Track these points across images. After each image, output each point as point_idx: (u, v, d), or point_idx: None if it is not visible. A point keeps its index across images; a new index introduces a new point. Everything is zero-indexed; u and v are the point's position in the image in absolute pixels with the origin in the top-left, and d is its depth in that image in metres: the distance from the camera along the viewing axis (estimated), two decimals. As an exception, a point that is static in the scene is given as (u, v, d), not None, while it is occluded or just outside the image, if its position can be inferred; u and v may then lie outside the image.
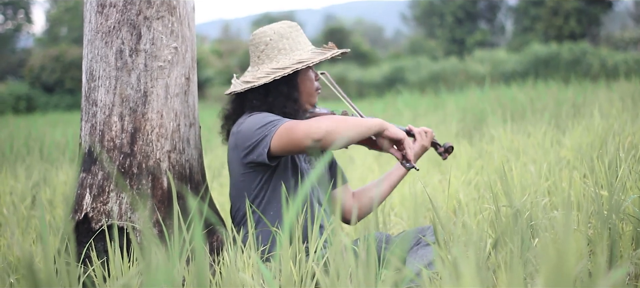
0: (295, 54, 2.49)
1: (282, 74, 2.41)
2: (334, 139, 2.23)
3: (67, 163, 6.09)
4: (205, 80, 28.35)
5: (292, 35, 2.52)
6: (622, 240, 2.27)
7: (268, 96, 2.48)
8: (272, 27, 2.53)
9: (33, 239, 3.02)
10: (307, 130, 2.23)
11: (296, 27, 2.57)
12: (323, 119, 2.27)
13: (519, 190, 2.85)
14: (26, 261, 1.48)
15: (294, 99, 2.49)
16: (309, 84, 2.54)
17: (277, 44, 2.50)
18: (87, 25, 2.52)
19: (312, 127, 2.23)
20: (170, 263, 1.55)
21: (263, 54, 2.51)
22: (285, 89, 2.48)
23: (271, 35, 2.51)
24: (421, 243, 2.42)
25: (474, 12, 36.58)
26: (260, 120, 2.36)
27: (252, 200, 2.46)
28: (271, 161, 2.36)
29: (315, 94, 2.58)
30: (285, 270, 1.74)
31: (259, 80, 2.44)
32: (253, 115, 2.41)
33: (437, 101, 11.51)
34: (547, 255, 1.43)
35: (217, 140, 8.27)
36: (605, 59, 20.60)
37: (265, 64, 2.50)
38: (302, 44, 2.53)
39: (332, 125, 2.23)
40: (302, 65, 2.42)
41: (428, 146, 2.70)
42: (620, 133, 3.91)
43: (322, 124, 2.23)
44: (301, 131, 2.24)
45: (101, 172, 2.43)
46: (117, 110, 2.45)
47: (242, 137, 2.39)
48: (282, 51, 2.49)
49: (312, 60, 2.44)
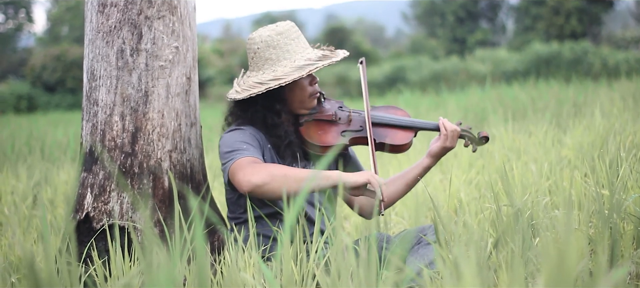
0: (279, 65, 2.44)
1: (256, 92, 2.39)
2: (264, 192, 2.22)
3: (69, 163, 6.09)
4: (206, 80, 28.34)
5: (280, 43, 2.46)
6: (623, 240, 2.26)
7: (248, 110, 2.49)
8: (261, 35, 2.47)
9: (34, 239, 3.03)
10: (240, 181, 2.25)
11: (288, 32, 2.48)
12: (264, 170, 2.24)
13: (520, 190, 2.85)
14: (27, 261, 1.48)
15: (275, 111, 2.47)
16: (300, 93, 2.49)
17: (264, 53, 2.46)
18: (88, 24, 2.52)
19: (245, 177, 2.23)
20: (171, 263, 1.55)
21: (252, 61, 2.51)
22: (265, 102, 2.46)
23: (259, 43, 2.47)
24: (422, 243, 2.41)
25: (475, 11, 36.55)
26: (228, 145, 2.38)
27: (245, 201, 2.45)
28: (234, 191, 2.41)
29: (311, 100, 2.52)
30: (286, 270, 1.74)
31: (240, 94, 2.44)
32: (227, 134, 2.44)
33: (438, 100, 11.51)
34: (548, 255, 1.43)
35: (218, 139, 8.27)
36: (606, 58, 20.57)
37: (254, 72, 2.49)
38: (291, 52, 2.46)
39: (267, 178, 2.21)
40: (276, 84, 2.37)
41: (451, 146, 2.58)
42: (621, 132, 3.91)
43: (255, 176, 2.22)
44: (237, 179, 2.27)
45: (102, 171, 2.43)
46: (118, 110, 2.45)
47: (219, 153, 2.43)
48: (268, 61, 2.46)
49: (286, 79, 2.37)
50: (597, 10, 30.96)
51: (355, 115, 2.61)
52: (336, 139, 2.52)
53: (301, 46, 2.50)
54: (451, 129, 2.57)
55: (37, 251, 2.74)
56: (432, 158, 2.62)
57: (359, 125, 2.57)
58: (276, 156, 2.49)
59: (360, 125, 2.57)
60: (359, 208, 2.74)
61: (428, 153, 2.62)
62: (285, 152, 2.47)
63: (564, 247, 1.41)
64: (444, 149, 2.58)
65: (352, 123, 2.58)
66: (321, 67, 2.41)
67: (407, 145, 2.61)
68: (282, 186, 2.19)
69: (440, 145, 2.57)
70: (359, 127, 2.57)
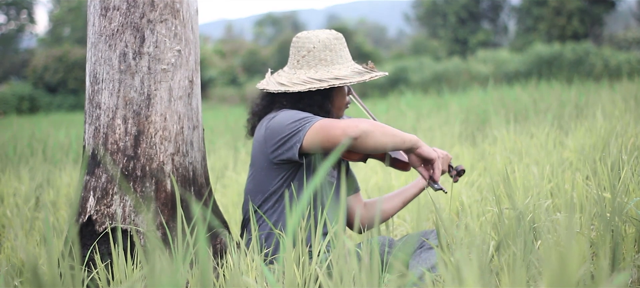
0: (335, 67, 2.50)
1: (318, 86, 2.43)
2: (368, 141, 2.27)
3: (71, 165, 6.10)
4: (208, 80, 28.37)
5: (336, 47, 2.53)
6: (625, 243, 2.27)
7: (299, 102, 2.50)
8: (318, 35, 2.53)
9: (37, 241, 3.03)
10: (345, 128, 2.27)
11: (341, 39, 2.57)
12: (362, 119, 2.31)
13: (521, 192, 2.85)
14: (31, 265, 1.49)
15: (326, 110, 2.53)
16: (342, 99, 2.58)
17: (320, 53, 2.51)
18: (91, 28, 2.53)
19: (350, 126, 2.27)
20: (174, 266, 1.56)
21: (304, 59, 2.52)
22: (319, 99, 2.51)
23: (316, 43, 2.52)
24: (424, 247, 2.42)
25: (477, 12, 36.54)
26: (293, 115, 2.38)
27: (270, 195, 2.47)
28: (300, 158, 2.38)
29: (345, 108, 2.62)
30: (288, 273, 1.74)
31: (294, 86, 2.45)
32: (285, 111, 2.44)
33: (440, 102, 11.51)
34: (549, 258, 1.44)
35: (220, 141, 8.29)
36: (608, 59, 20.57)
37: (304, 70, 2.51)
38: (344, 58, 2.55)
39: (370, 127, 2.27)
40: (339, 83, 2.43)
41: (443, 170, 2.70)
42: (623, 134, 3.91)
43: (360, 123, 2.27)
44: (339, 128, 2.27)
45: (105, 174, 2.44)
46: (121, 113, 2.46)
47: (273, 131, 2.41)
48: (322, 61, 2.51)
49: (350, 80, 2.45)
50: (598, 11, 30.95)
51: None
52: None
53: (349, 55, 2.61)
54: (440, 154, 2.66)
55: (40, 254, 2.75)
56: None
57: None
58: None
59: None
60: (359, 223, 2.80)
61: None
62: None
63: (566, 251, 1.42)
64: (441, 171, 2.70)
65: None
66: (378, 77, 2.52)
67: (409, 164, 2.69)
68: (382, 136, 2.28)
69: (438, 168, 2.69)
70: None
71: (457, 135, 6.88)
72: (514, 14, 36.23)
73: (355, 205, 2.82)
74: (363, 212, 2.83)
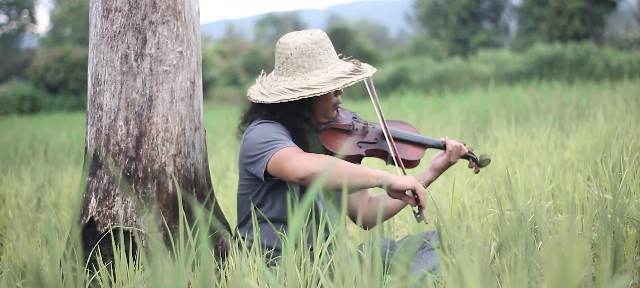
0: (312, 74, 2.44)
1: (289, 98, 2.38)
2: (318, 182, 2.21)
3: (72, 165, 6.11)
4: (209, 81, 28.38)
5: (314, 52, 2.46)
6: (626, 244, 2.27)
7: (276, 113, 2.47)
8: (295, 41, 2.46)
9: (39, 242, 3.04)
10: (295, 166, 2.24)
11: (321, 43, 2.48)
12: (318, 159, 2.24)
13: (523, 193, 2.85)
14: (33, 266, 1.49)
15: (304, 117, 2.48)
16: (325, 102, 2.51)
17: (296, 60, 2.45)
18: (93, 29, 2.53)
19: (301, 165, 2.23)
20: (176, 268, 1.56)
21: (283, 66, 2.48)
22: (294, 107, 2.46)
23: (293, 49, 2.45)
24: (426, 248, 2.42)
25: (478, 12, 36.54)
26: (264, 135, 2.37)
27: (258, 204, 2.47)
28: (267, 180, 2.38)
29: (333, 109, 2.55)
30: (290, 275, 1.74)
31: (270, 97, 2.42)
32: (260, 125, 2.42)
33: (441, 102, 11.50)
34: (551, 260, 1.44)
35: (222, 141, 8.29)
36: (609, 59, 20.56)
37: (283, 77, 2.47)
38: (324, 63, 2.47)
39: (321, 169, 2.21)
40: (310, 93, 2.37)
41: (455, 162, 2.71)
42: (624, 135, 3.91)
43: (312, 165, 2.22)
44: (290, 166, 2.25)
45: (107, 176, 2.44)
46: (123, 115, 2.46)
47: (248, 146, 2.41)
48: (300, 69, 2.45)
49: (321, 90, 2.37)
50: (599, 11, 30.94)
51: (371, 128, 2.64)
52: (355, 150, 2.56)
53: (332, 57, 2.52)
54: (455, 145, 2.70)
55: (42, 255, 2.75)
56: (435, 172, 2.73)
57: (374, 138, 2.62)
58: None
59: (374, 137, 2.62)
60: (362, 219, 2.76)
61: (431, 168, 2.73)
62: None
63: (567, 253, 1.42)
64: (448, 164, 2.71)
65: (368, 135, 2.62)
66: (355, 82, 2.43)
67: (418, 161, 2.69)
68: (337, 177, 2.22)
69: (445, 160, 2.70)
70: (373, 140, 2.62)
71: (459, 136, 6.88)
72: (515, 14, 36.22)
73: (359, 200, 2.80)
74: (367, 207, 2.80)
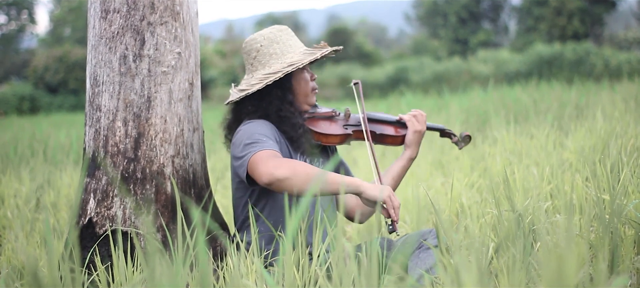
0: (286, 57, 2.51)
1: (274, 78, 2.42)
2: (285, 186, 2.21)
3: (71, 166, 6.10)
4: (209, 81, 28.35)
5: (282, 38, 2.54)
6: (624, 245, 2.27)
7: (262, 102, 2.50)
8: (262, 33, 2.55)
9: (37, 243, 3.04)
10: (264, 171, 2.23)
11: (286, 30, 2.58)
12: (288, 165, 2.24)
13: (521, 194, 2.85)
14: (31, 268, 1.49)
15: (288, 101, 2.51)
16: (304, 85, 2.56)
17: (268, 49, 2.52)
18: (91, 30, 2.53)
19: (268, 170, 2.23)
20: (174, 269, 1.56)
21: (255, 60, 2.53)
22: (279, 92, 2.49)
23: (261, 41, 2.53)
24: (423, 247, 2.42)
25: (478, 12, 36.53)
26: (248, 135, 2.37)
27: (252, 205, 2.47)
28: (250, 184, 2.38)
29: (312, 94, 2.60)
30: (288, 276, 1.75)
31: (252, 87, 2.45)
32: (245, 126, 2.43)
33: (440, 102, 11.50)
34: (548, 261, 1.44)
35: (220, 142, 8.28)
36: (608, 59, 20.56)
37: (258, 71, 2.52)
38: (294, 47, 2.55)
39: (289, 174, 2.20)
40: (292, 68, 2.44)
41: (423, 129, 2.70)
42: (622, 136, 3.91)
43: (278, 170, 2.21)
44: (259, 170, 2.25)
45: (105, 177, 2.44)
46: (121, 116, 2.46)
47: (234, 148, 2.42)
48: (273, 56, 2.51)
49: (303, 61, 2.46)
50: (599, 11, 30.95)
51: (352, 114, 2.72)
52: (341, 129, 2.62)
53: (299, 42, 2.61)
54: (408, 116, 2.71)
55: (40, 255, 2.75)
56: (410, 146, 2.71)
57: (356, 121, 2.69)
58: (291, 149, 2.50)
59: (357, 121, 2.69)
60: (359, 216, 2.76)
61: (405, 144, 2.72)
62: (299, 142, 2.49)
63: (565, 253, 1.42)
64: (416, 133, 2.69)
65: (350, 119, 2.69)
66: (331, 51, 2.52)
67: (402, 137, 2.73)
68: (304, 184, 2.20)
69: (412, 130, 2.69)
70: (357, 122, 2.68)
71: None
72: (514, 14, 36.22)
73: (356, 199, 2.80)
74: (364, 207, 2.78)
